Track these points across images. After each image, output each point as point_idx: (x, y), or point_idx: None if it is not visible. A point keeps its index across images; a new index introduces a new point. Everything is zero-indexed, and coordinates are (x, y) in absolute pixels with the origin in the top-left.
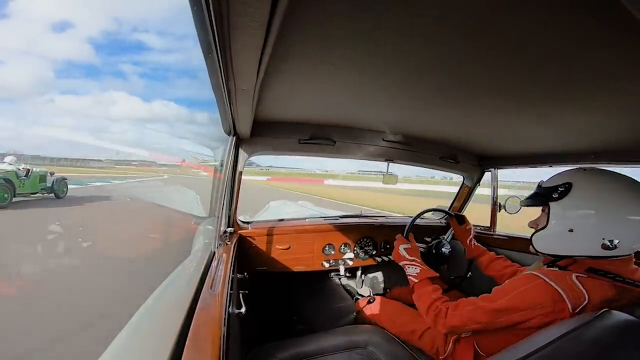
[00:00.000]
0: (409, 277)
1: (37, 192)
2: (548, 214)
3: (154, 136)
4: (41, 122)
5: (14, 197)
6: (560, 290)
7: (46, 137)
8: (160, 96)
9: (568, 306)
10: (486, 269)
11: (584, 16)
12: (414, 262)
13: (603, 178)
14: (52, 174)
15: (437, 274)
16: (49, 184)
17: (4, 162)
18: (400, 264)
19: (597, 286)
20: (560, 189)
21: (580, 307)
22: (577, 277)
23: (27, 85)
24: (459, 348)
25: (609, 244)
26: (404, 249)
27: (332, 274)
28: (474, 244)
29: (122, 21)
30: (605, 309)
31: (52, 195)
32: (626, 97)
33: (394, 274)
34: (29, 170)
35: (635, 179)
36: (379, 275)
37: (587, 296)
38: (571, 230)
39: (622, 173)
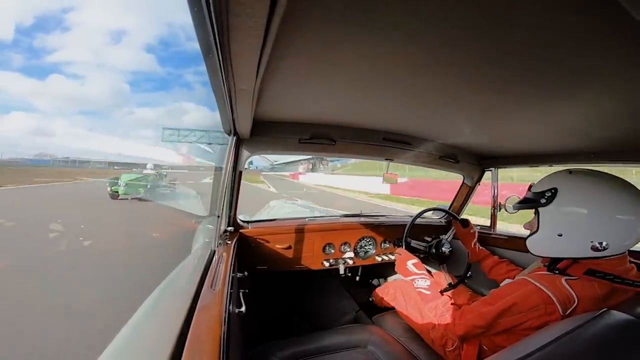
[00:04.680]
0: (418, 289)
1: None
2: (538, 218)
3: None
4: (130, 135)
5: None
6: (550, 294)
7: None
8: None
9: (558, 309)
10: (489, 272)
11: (584, 16)
12: (423, 275)
13: (588, 180)
14: (165, 175)
15: (445, 285)
16: (165, 182)
17: (147, 169)
18: (408, 278)
19: (587, 288)
20: (547, 194)
21: (570, 309)
22: (566, 280)
23: (108, 97)
24: (465, 344)
25: (598, 245)
26: (412, 264)
27: (333, 273)
28: (478, 247)
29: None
30: (605, 309)
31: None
32: (626, 96)
33: (397, 273)
34: (159, 173)
35: (621, 178)
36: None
37: (576, 298)
38: (560, 235)
39: (611, 174)
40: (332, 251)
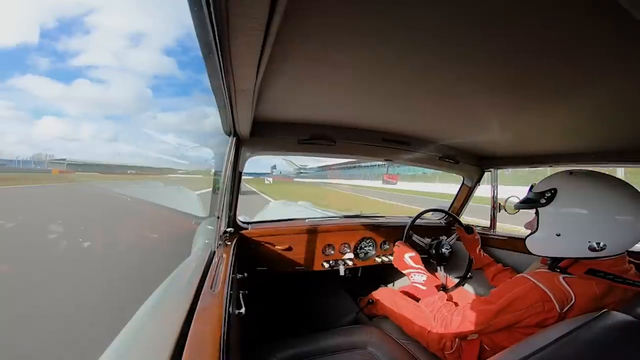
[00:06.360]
0: (414, 284)
1: None
2: (538, 218)
3: None
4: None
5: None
6: (547, 291)
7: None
8: None
9: (555, 306)
10: (492, 279)
11: (584, 16)
12: (419, 270)
13: (587, 181)
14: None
15: (441, 282)
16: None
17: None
18: (405, 271)
19: (585, 286)
20: (547, 194)
21: (568, 306)
22: (564, 278)
23: (132, 102)
24: (465, 345)
25: (595, 246)
26: (409, 257)
27: (333, 274)
28: (483, 254)
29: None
30: (605, 310)
31: None
32: (626, 96)
33: (396, 274)
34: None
35: (620, 179)
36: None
37: (573, 296)
38: (558, 235)
39: (613, 175)
40: (332, 252)
